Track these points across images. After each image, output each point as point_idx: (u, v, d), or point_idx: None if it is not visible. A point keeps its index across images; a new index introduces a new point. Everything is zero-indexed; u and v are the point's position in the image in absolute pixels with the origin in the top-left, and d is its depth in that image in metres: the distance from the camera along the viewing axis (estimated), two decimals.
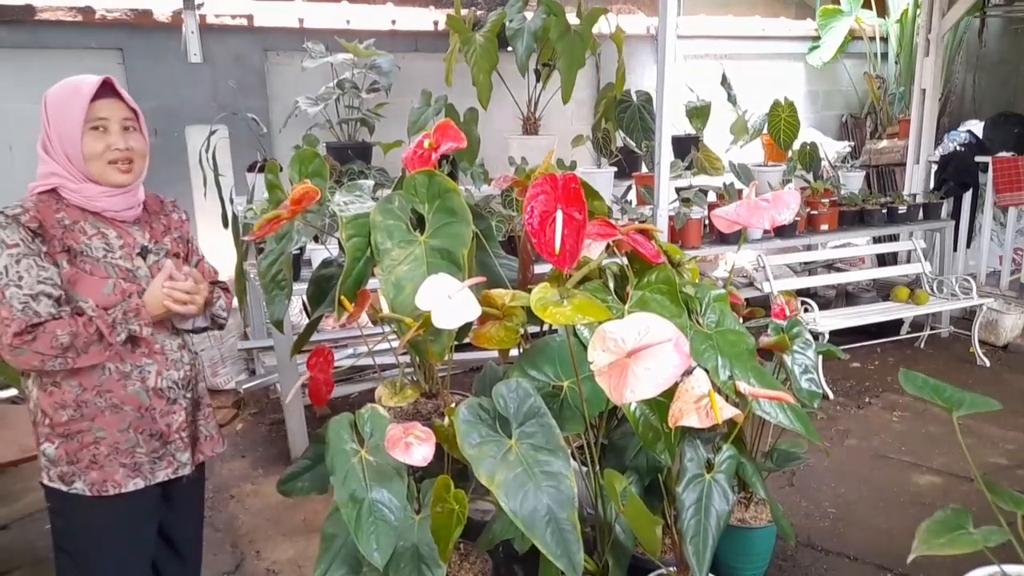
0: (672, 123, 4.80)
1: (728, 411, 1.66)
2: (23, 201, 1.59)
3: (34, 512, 2.88)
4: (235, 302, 3.51)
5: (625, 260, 1.99)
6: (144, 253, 1.68)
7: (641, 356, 1.46)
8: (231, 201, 3.75)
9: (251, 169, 3.77)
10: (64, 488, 1.61)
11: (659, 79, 3.19)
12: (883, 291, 4.87)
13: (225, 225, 3.66)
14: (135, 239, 1.67)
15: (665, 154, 3.31)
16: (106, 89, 1.61)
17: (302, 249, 3.33)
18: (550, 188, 1.73)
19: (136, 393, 1.64)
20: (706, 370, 1.78)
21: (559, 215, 1.71)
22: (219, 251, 4.15)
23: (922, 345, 4.63)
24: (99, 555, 1.67)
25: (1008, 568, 1.67)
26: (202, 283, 1.71)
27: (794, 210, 1.79)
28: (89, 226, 1.61)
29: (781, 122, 4.55)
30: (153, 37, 4.15)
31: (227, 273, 4.08)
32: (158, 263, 1.70)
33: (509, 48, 3.94)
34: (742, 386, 1.79)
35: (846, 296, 5.06)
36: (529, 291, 1.66)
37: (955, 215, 4.96)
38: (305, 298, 2.18)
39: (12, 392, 3.47)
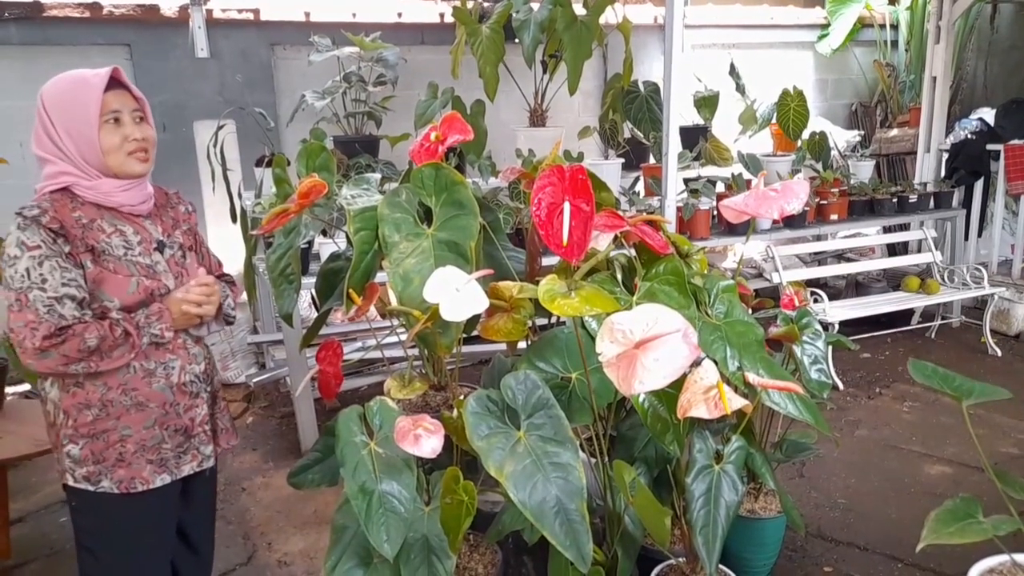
0: (680, 113, 4.79)
1: (737, 402, 1.66)
2: (38, 201, 1.55)
3: (49, 505, 2.92)
4: (244, 296, 3.54)
5: (633, 251, 1.98)
6: (160, 247, 1.67)
7: (649, 347, 1.45)
8: (239, 196, 3.76)
9: (259, 163, 3.78)
10: (91, 488, 1.60)
11: (666, 69, 3.17)
12: (893, 281, 4.84)
13: (234, 220, 3.67)
14: (151, 234, 1.66)
15: (673, 145, 3.30)
16: (113, 81, 1.59)
17: (310, 243, 3.34)
18: (557, 180, 1.72)
19: (161, 390, 1.63)
20: (715, 361, 1.77)
21: (566, 207, 1.70)
22: (228, 245, 4.17)
23: (933, 335, 4.61)
24: (125, 552, 1.67)
25: (1018, 557, 1.67)
26: (215, 284, 1.71)
27: (803, 200, 1.78)
28: (106, 224, 1.59)
29: (790, 111, 4.52)
30: (160, 32, 4.17)
31: (236, 267, 4.10)
32: (173, 256, 1.70)
33: (516, 40, 3.93)
34: (751, 377, 1.79)
35: (856, 286, 5.03)
36: (537, 283, 1.66)
37: (966, 204, 4.91)
38: (313, 292, 2.19)
39: (26, 387, 3.51)
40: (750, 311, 2.37)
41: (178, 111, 4.22)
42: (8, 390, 3.39)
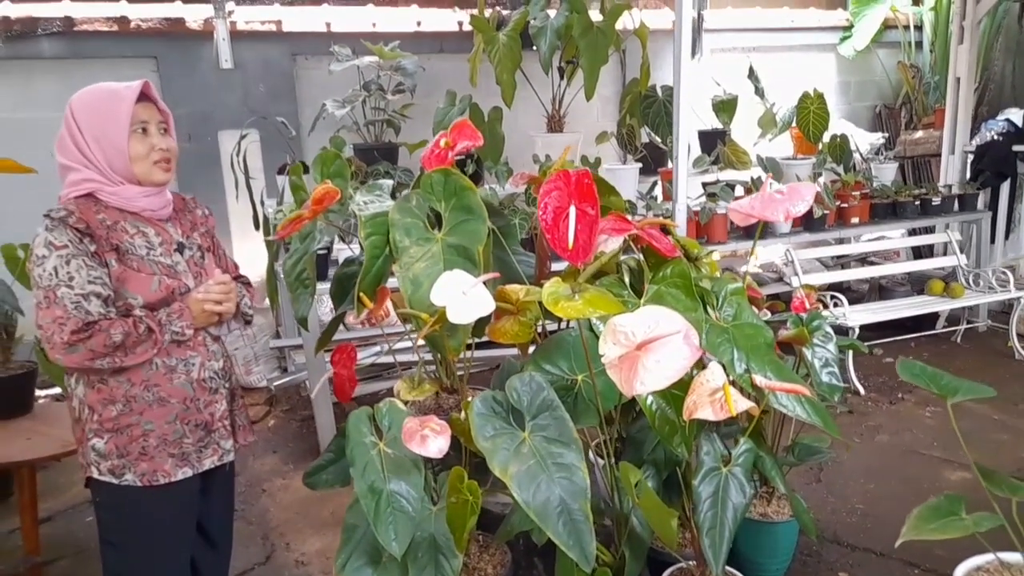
0: (698, 117, 4.78)
1: (742, 404, 1.66)
2: (65, 205, 1.63)
3: (77, 505, 3.00)
4: (267, 302, 3.62)
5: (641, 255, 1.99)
6: (180, 249, 1.74)
7: (651, 348, 1.47)
8: (262, 203, 3.83)
9: (281, 171, 3.86)
10: (115, 481, 1.66)
11: (675, 74, 3.19)
12: (918, 285, 4.77)
13: (256, 227, 3.75)
14: (171, 235, 1.74)
15: (683, 149, 3.31)
16: (141, 94, 1.67)
17: (329, 249, 3.39)
18: (563, 184, 1.74)
19: (182, 385, 1.69)
20: (722, 364, 1.78)
21: (572, 211, 1.72)
22: (252, 253, 4.25)
23: (958, 339, 4.54)
24: (147, 545, 1.72)
25: (1004, 555, 1.67)
26: (233, 283, 1.78)
27: (809, 202, 1.78)
28: (129, 226, 1.67)
29: (810, 114, 4.48)
30: (186, 45, 4.27)
31: (260, 273, 4.18)
32: (192, 257, 1.76)
33: (533, 47, 3.96)
34: (758, 379, 1.79)
35: (879, 290, 4.97)
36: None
37: (992, 206, 4.84)
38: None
39: (57, 390, 3.61)
40: (769, 314, 2.38)
41: (203, 121, 4.31)
42: (40, 393, 3.50)
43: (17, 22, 3.90)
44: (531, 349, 2.06)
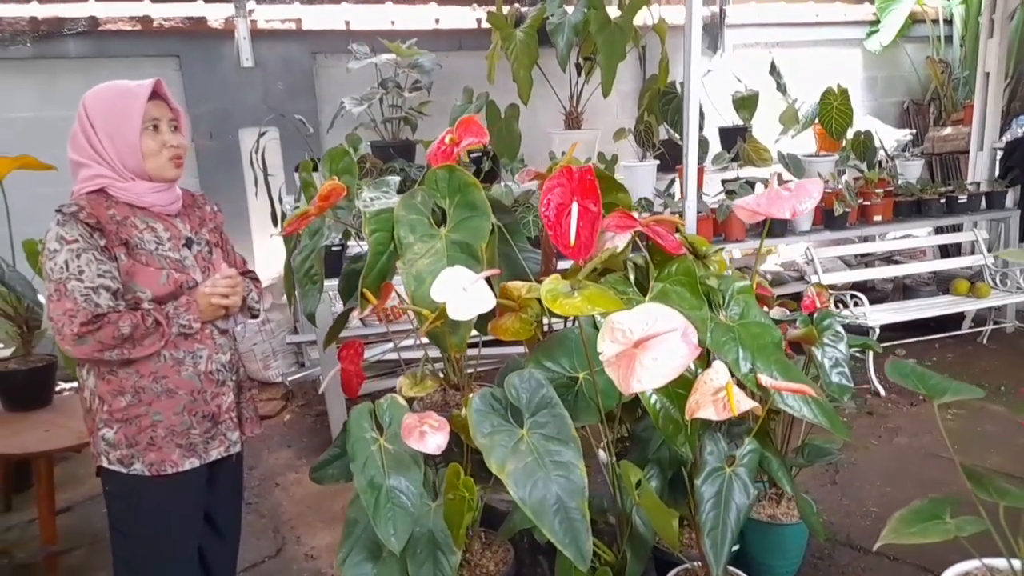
0: (719, 114, 4.73)
1: (745, 403, 1.64)
2: (76, 200, 1.67)
3: (95, 495, 3.05)
4: (284, 298, 3.65)
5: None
6: (189, 244, 1.77)
7: (648, 346, 1.45)
8: (280, 200, 3.87)
9: (299, 169, 3.89)
10: (124, 470, 1.69)
11: (685, 70, 3.17)
12: (943, 284, 4.67)
13: (275, 223, 3.79)
14: (180, 231, 1.76)
15: (693, 147, 3.28)
16: (153, 92, 1.70)
17: (343, 245, 3.41)
18: (566, 181, 1.74)
19: (189, 378, 1.72)
20: (727, 363, 1.76)
21: (574, 207, 1.72)
22: (272, 249, 4.30)
23: (985, 340, 4.43)
24: (155, 534, 1.75)
25: (990, 561, 1.63)
26: (239, 277, 1.80)
27: (816, 199, 1.75)
28: (139, 221, 1.69)
29: (833, 110, 4.41)
30: (207, 44, 4.32)
31: (279, 270, 4.22)
32: (200, 252, 1.79)
33: (551, 44, 3.95)
34: (764, 379, 1.76)
35: (904, 290, 4.88)
36: None
37: (1022, 204, 4.71)
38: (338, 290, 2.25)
39: (76, 384, 3.68)
40: (787, 312, 2.34)
41: (224, 119, 4.36)
42: (64, 386, 3.57)
43: (44, 22, 3.98)
44: None
